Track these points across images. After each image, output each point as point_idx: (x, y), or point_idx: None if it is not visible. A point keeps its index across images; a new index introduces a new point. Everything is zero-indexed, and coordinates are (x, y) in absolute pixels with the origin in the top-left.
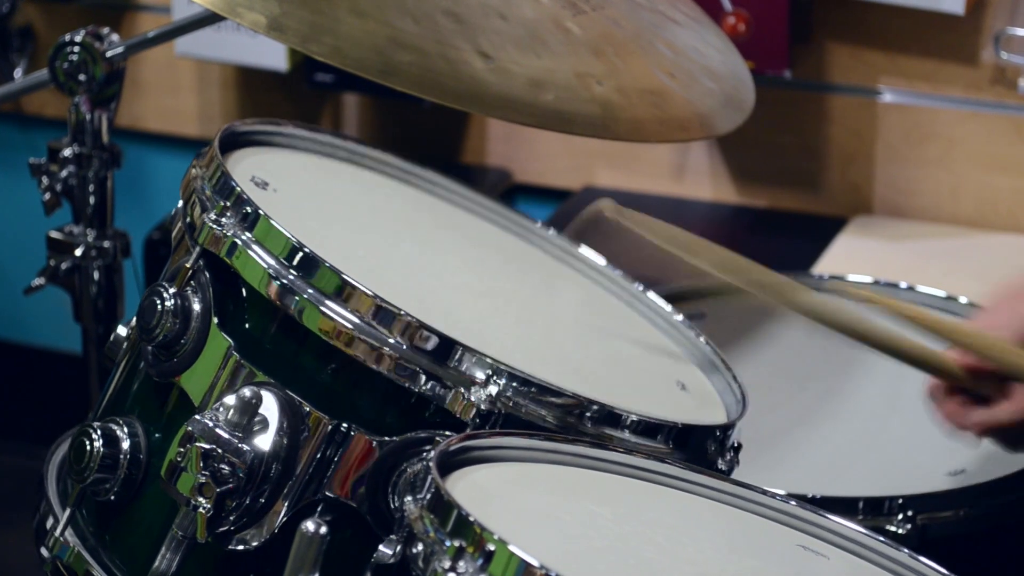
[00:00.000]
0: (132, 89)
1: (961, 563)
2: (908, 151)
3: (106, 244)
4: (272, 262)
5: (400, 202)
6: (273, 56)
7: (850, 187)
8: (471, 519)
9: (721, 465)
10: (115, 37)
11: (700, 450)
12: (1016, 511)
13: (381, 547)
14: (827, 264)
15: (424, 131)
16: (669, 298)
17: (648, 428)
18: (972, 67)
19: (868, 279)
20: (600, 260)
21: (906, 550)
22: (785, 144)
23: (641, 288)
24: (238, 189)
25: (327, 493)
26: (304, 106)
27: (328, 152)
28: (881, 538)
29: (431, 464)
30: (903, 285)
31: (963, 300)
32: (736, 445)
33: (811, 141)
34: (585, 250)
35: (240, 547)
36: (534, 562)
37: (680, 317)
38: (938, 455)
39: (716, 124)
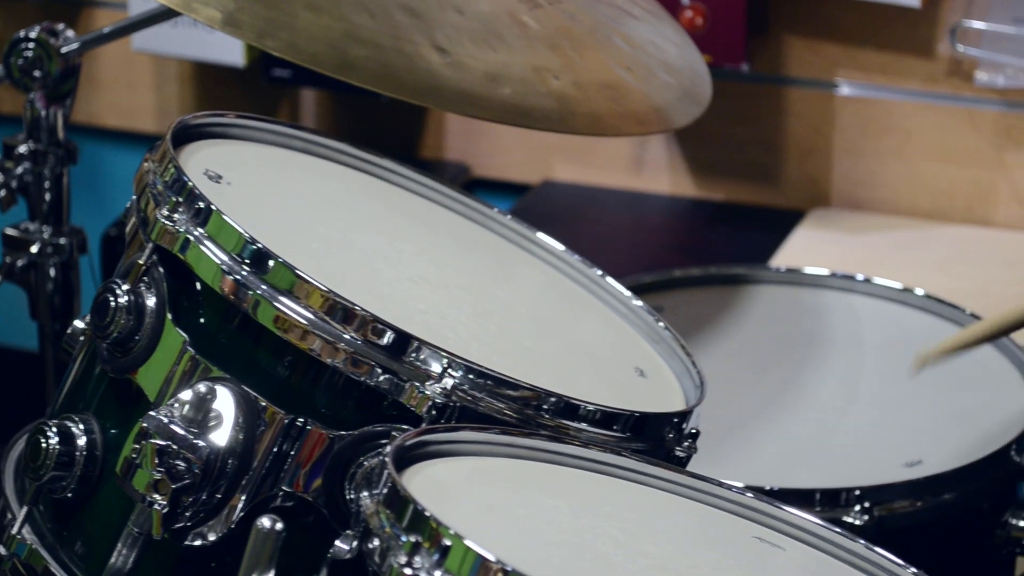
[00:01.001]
0: (89, 85)
1: (918, 554)
2: (865, 144)
3: (62, 241)
4: (225, 258)
5: (356, 191)
6: (230, 52)
7: (808, 180)
8: (427, 514)
9: (679, 452)
10: (70, 33)
11: (658, 437)
12: (972, 502)
13: (338, 542)
14: (785, 257)
15: (382, 126)
16: (630, 291)
17: (606, 418)
18: (928, 60)
19: (825, 271)
20: (558, 245)
21: (862, 541)
22: (743, 137)
23: (600, 273)
24: (190, 184)
25: (284, 488)
26: (262, 101)
27: (283, 143)
28: (837, 529)
29: (387, 459)
30: (860, 277)
31: (919, 292)
32: (694, 432)
33: (769, 134)
34: (543, 235)
35: (197, 543)
36: (490, 557)
37: (639, 303)
38: (895, 447)
39: (673, 118)
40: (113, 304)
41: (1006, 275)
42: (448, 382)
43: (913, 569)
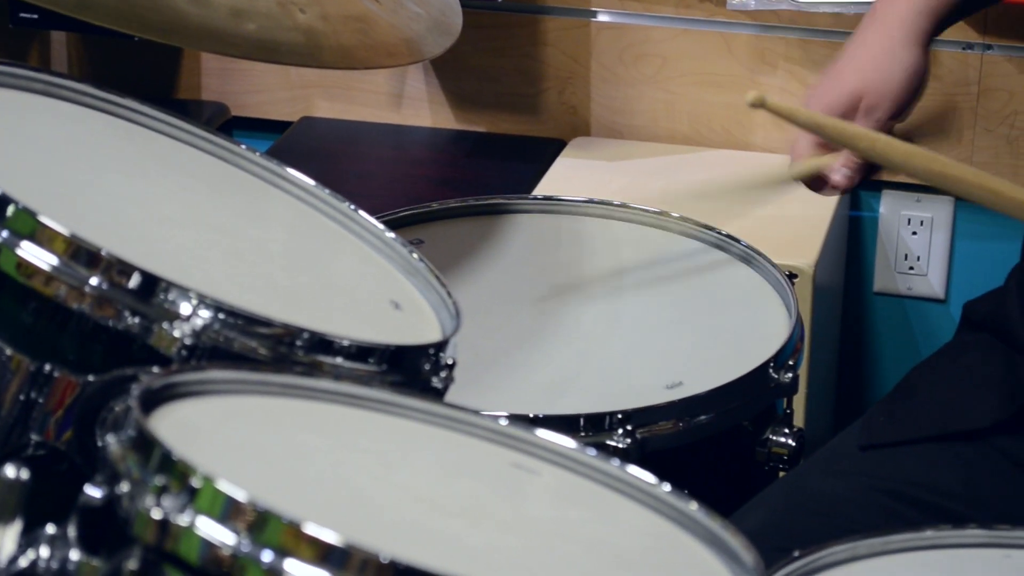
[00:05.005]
0: None
1: (683, 473)
2: (623, 71)
3: None
4: None
5: (100, 133)
6: None
7: (567, 109)
8: (174, 455)
9: (436, 383)
10: None
11: (415, 370)
12: (733, 420)
13: (87, 488)
14: (547, 186)
15: (137, 68)
16: (389, 225)
17: (361, 351)
18: None
19: (583, 198)
20: (309, 181)
21: (616, 460)
22: (501, 68)
23: (352, 207)
24: None
25: (34, 437)
26: (10, 45)
27: (21, 85)
28: (592, 451)
29: (132, 401)
30: (617, 202)
31: (675, 215)
32: (451, 363)
33: (527, 64)
34: (294, 172)
35: None
36: (241, 496)
37: (393, 235)
38: (657, 370)
39: (424, 49)
40: None
41: (762, 196)
42: (198, 322)
43: (667, 485)
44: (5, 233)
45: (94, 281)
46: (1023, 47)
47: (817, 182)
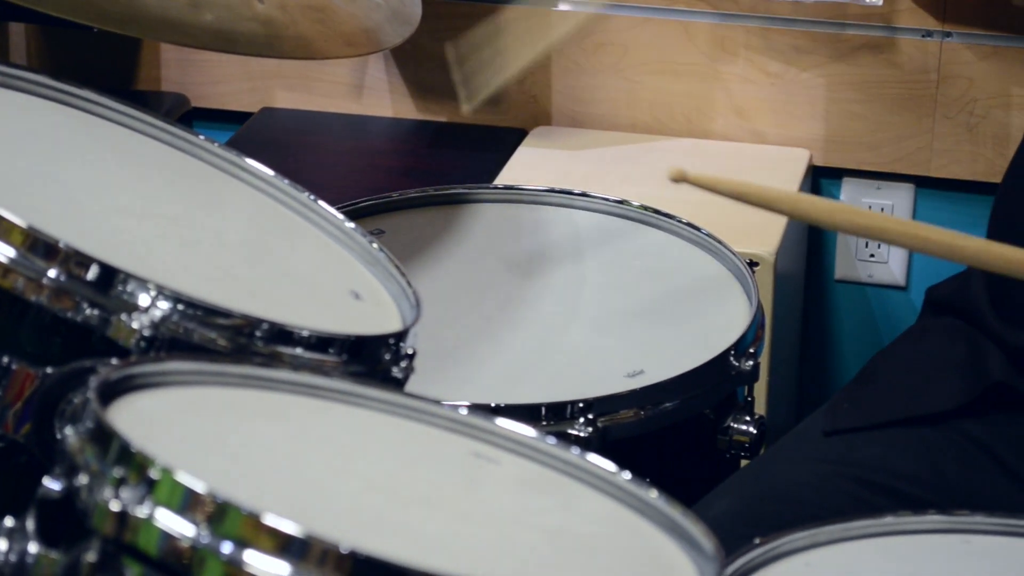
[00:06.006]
0: None
1: (645, 461)
2: (584, 60)
3: None
4: None
5: (57, 124)
6: None
7: (528, 99)
8: (133, 447)
9: (396, 373)
10: None
11: (375, 360)
12: (695, 408)
13: (45, 481)
14: (508, 176)
15: (96, 59)
16: (349, 215)
17: (321, 342)
18: None
19: (543, 187)
20: (268, 171)
21: (576, 449)
22: None
23: (312, 197)
24: None
25: None
26: None
27: None
28: (552, 440)
29: (90, 393)
30: (577, 191)
31: (635, 203)
32: (411, 353)
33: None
34: (252, 162)
35: None
36: (200, 488)
37: (352, 225)
38: (618, 358)
39: (383, 38)
40: None
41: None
42: (156, 313)
43: (628, 473)
44: None
45: (52, 273)
46: (982, 34)
47: None
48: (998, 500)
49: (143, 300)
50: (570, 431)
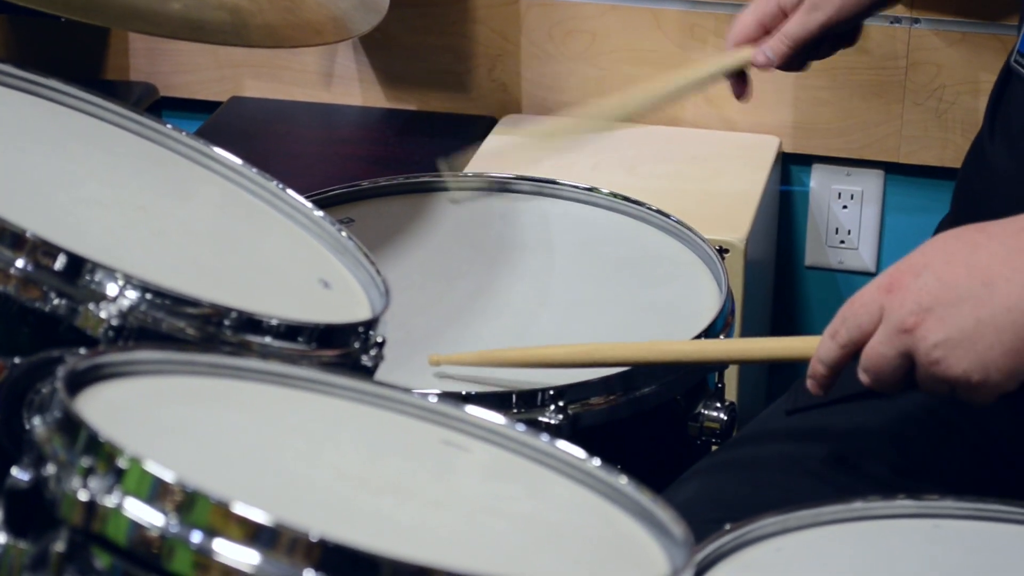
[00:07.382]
0: None
1: (614, 448)
2: (553, 48)
3: None
4: None
5: (23, 113)
6: None
7: (498, 86)
8: (101, 437)
9: (366, 361)
10: None
11: (345, 347)
12: (666, 395)
13: (13, 472)
14: (477, 164)
15: (64, 49)
16: (318, 203)
17: (290, 330)
18: None
19: (512, 175)
20: (236, 160)
21: (545, 436)
22: (431, 46)
23: (280, 186)
24: None
25: None
26: None
27: None
28: (521, 427)
29: (58, 383)
30: (546, 179)
31: (605, 191)
32: (380, 341)
33: (456, 42)
34: (220, 151)
35: None
36: (169, 477)
37: (321, 214)
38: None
39: (351, 26)
40: None
41: (692, 171)
42: (124, 303)
43: (597, 460)
44: None
45: (19, 263)
46: (950, 20)
47: (739, 84)
48: (962, 471)
49: (111, 290)
50: (541, 418)
